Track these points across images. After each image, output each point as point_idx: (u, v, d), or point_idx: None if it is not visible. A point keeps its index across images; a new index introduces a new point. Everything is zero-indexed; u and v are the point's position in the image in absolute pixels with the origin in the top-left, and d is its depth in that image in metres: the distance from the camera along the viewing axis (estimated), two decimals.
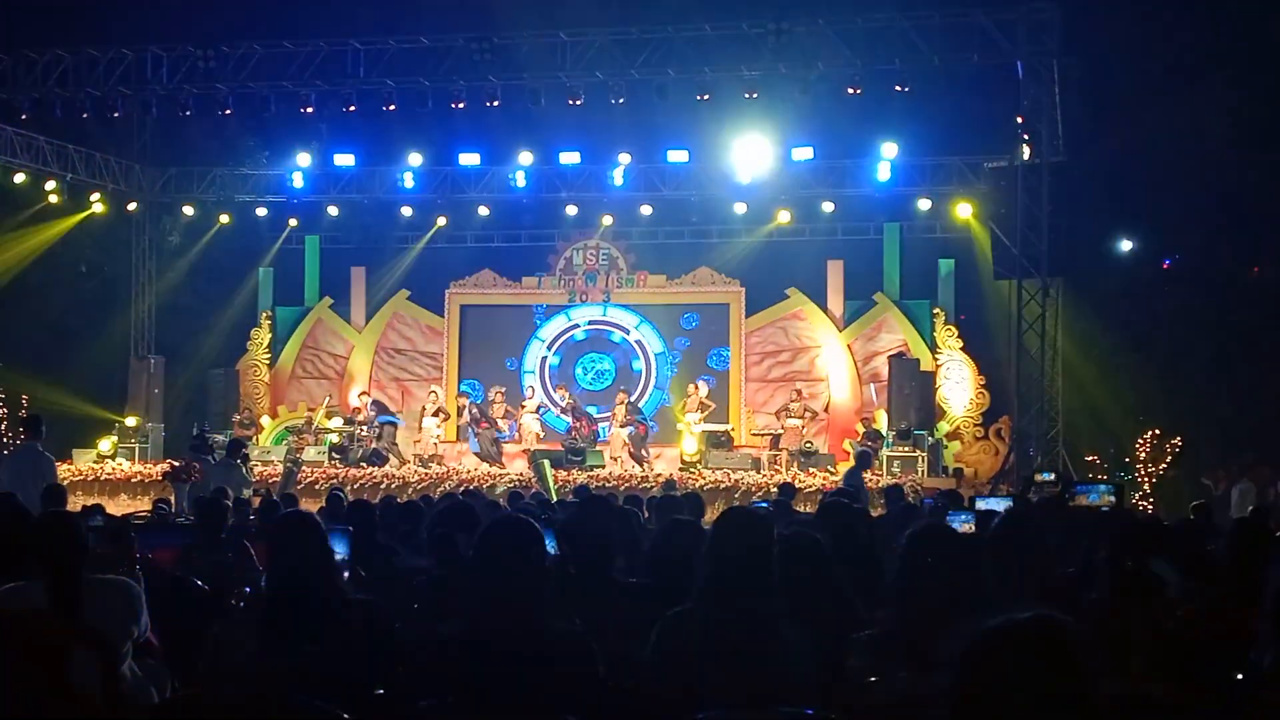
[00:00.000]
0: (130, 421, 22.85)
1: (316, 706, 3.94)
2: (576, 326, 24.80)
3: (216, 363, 24.66)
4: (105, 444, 22.00)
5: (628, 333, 24.57)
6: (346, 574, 6.30)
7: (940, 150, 21.97)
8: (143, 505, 17.26)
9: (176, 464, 16.65)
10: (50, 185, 21.99)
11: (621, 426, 22.21)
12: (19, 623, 4.47)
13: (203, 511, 8.26)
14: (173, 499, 15.31)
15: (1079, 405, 20.54)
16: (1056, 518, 7.89)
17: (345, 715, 3.91)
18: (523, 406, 22.78)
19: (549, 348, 24.79)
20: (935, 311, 23.20)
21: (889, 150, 21.54)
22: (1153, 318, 21.09)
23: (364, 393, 23.82)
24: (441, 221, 24.15)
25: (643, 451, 21.97)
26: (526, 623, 3.93)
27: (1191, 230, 20.87)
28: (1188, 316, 20.76)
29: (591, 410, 23.03)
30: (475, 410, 22.41)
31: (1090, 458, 20.67)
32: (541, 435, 22.56)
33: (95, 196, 22.91)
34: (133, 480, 20.69)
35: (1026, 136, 19.43)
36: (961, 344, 22.94)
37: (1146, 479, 20.63)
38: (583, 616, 4.43)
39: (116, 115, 20.90)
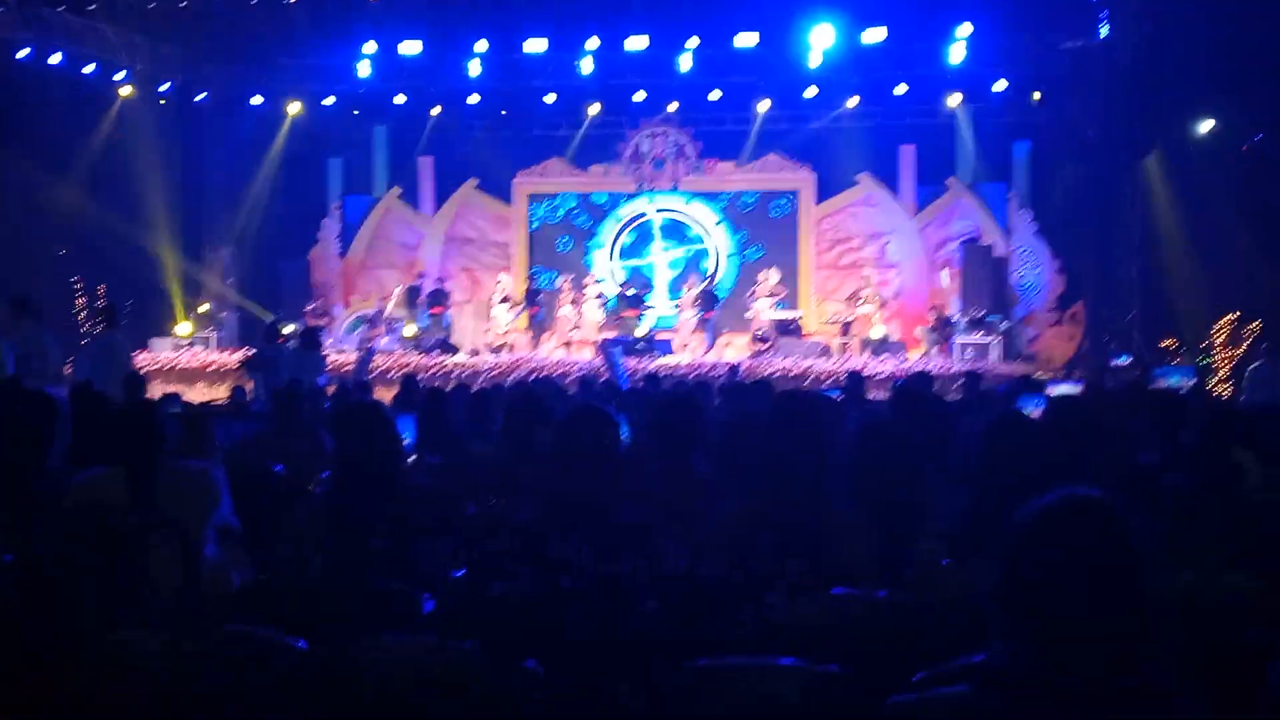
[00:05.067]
0: (203, 309, 23.22)
1: (390, 587, 3.99)
2: (658, 212, 24.70)
3: (288, 253, 24.85)
4: (183, 327, 22.44)
5: (705, 228, 24.45)
6: (413, 459, 6.36)
7: (1016, 30, 21.36)
8: (220, 394, 17.52)
9: (252, 353, 16.85)
10: (119, 76, 22.02)
11: (691, 310, 22.34)
12: (98, 512, 4.54)
13: (279, 399, 8.35)
14: (249, 387, 15.51)
15: (1156, 289, 20.19)
16: (1135, 402, 7.76)
17: (424, 595, 3.96)
18: (584, 293, 22.81)
19: (624, 228, 24.75)
20: (1010, 195, 22.82)
21: (963, 30, 20.97)
22: (1234, 199, 20.57)
23: (422, 275, 23.96)
24: (506, 112, 24.01)
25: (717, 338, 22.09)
26: (598, 510, 3.93)
27: (1277, 108, 20.25)
28: (1270, 198, 20.22)
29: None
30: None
31: (1166, 342, 20.37)
32: (603, 323, 22.61)
33: (164, 88, 22.94)
34: (209, 369, 21.01)
35: (1105, 14, 18.89)
36: (1036, 228, 22.57)
37: (1224, 363, 20.31)
38: (655, 506, 4.43)
39: (183, 5, 20.84)
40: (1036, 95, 21.16)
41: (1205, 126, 20.78)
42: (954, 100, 22.18)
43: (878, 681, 2.78)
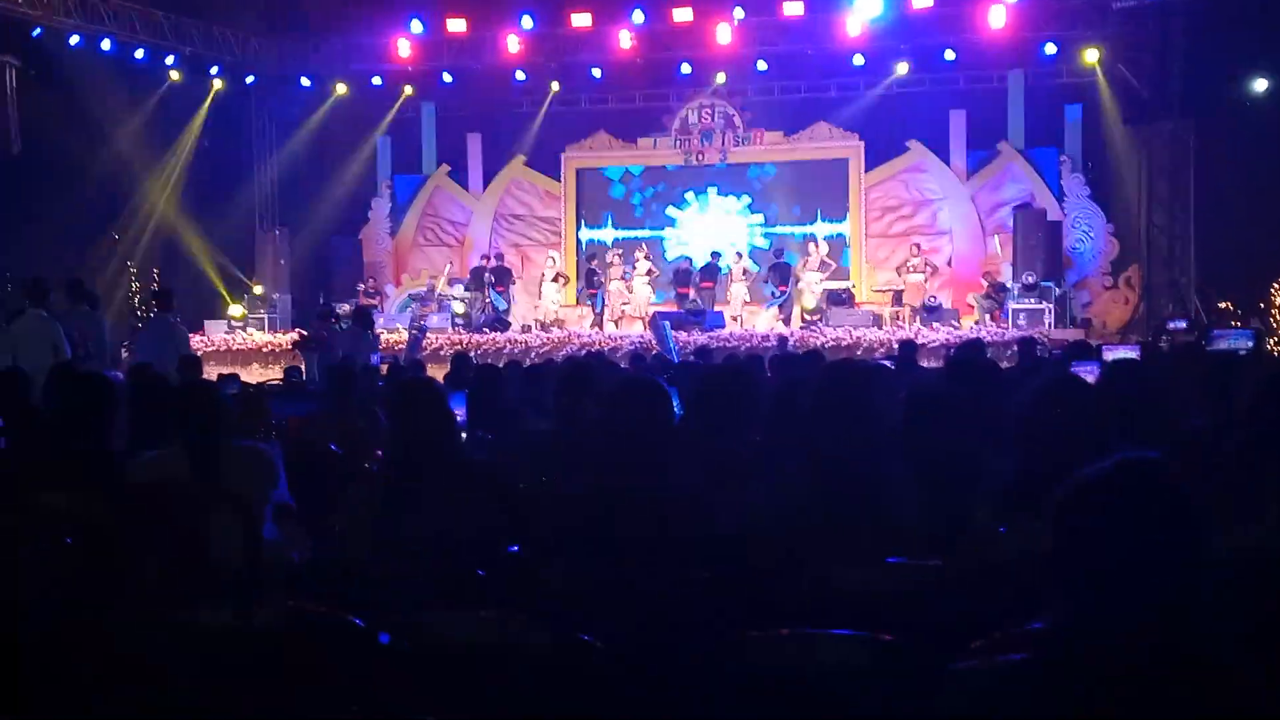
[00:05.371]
0: (257, 290, 23.41)
1: (445, 564, 4.02)
2: (708, 184, 24.64)
3: (339, 232, 25.00)
4: (236, 309, 22.64)
5: (755, 200, 24.42)
6: (464, 435, 6.39)
7: None
8: (274, 374, 17.68)
9: (305, 333, 16.99)
10: (170, 60, 22.12)
11: (741, 282, 22.28)
12: (163, 491, 4.60)
13: (333, 378, 8.42)
14: (303, 367, 15.64)
15: (1212, 251, 19.91)
16: (1192, 365, 7.67)
17: (479, 571, 3.99)
18: (634, 269, 22.78)
19: (673, 201, 24.72)
20: (1062, 159, 22.56)
21: None
22: None
23: (485, 257, 23.99)
24: (555, 86, 23.95)
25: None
26: (650, 481, 3.94)
27: None
28: None
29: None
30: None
31: (1223, 305, 20.10)
32: (654, 299, 22.58)
33: (214, 70, 23.03)
34: (264, 350, 21.21)
35: None
36: (1090, 192, 22.32)
37: None
38: (706, 475, 4.43)
39: None
40: (1090, 56, 20.85)
41: (1260, 85, 20.43)
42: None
43: (935, 650, 2.77)
